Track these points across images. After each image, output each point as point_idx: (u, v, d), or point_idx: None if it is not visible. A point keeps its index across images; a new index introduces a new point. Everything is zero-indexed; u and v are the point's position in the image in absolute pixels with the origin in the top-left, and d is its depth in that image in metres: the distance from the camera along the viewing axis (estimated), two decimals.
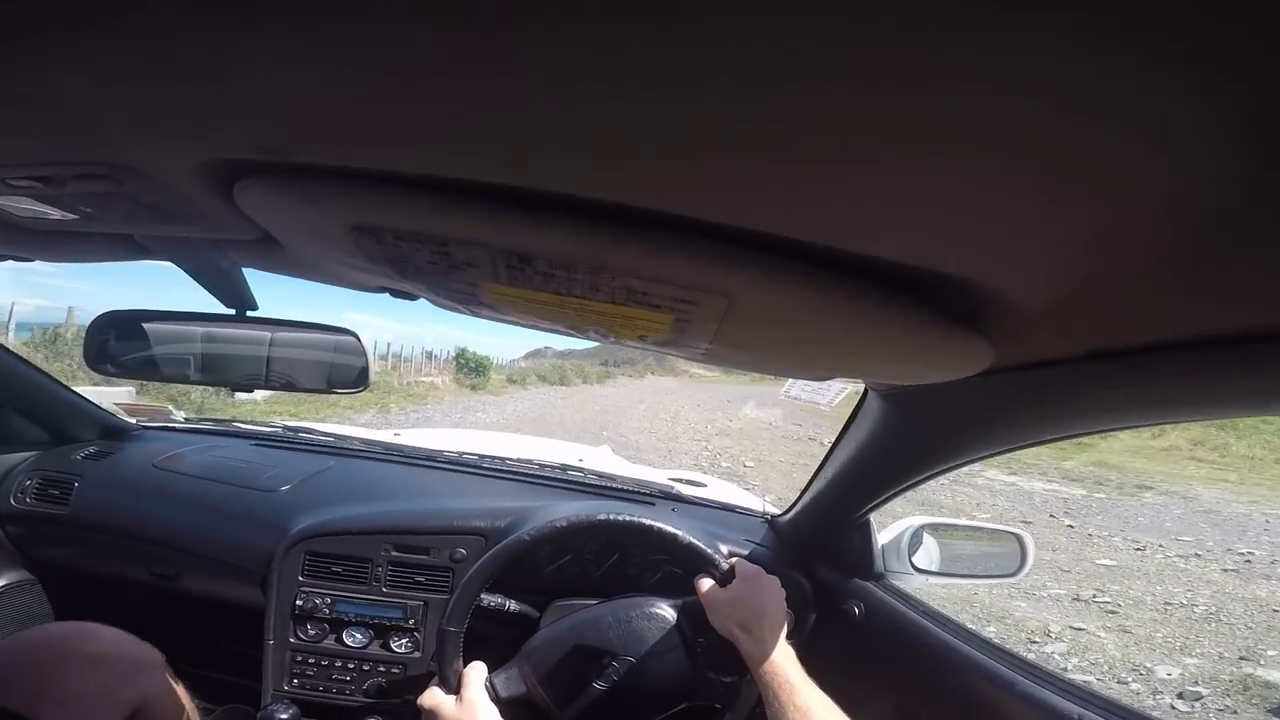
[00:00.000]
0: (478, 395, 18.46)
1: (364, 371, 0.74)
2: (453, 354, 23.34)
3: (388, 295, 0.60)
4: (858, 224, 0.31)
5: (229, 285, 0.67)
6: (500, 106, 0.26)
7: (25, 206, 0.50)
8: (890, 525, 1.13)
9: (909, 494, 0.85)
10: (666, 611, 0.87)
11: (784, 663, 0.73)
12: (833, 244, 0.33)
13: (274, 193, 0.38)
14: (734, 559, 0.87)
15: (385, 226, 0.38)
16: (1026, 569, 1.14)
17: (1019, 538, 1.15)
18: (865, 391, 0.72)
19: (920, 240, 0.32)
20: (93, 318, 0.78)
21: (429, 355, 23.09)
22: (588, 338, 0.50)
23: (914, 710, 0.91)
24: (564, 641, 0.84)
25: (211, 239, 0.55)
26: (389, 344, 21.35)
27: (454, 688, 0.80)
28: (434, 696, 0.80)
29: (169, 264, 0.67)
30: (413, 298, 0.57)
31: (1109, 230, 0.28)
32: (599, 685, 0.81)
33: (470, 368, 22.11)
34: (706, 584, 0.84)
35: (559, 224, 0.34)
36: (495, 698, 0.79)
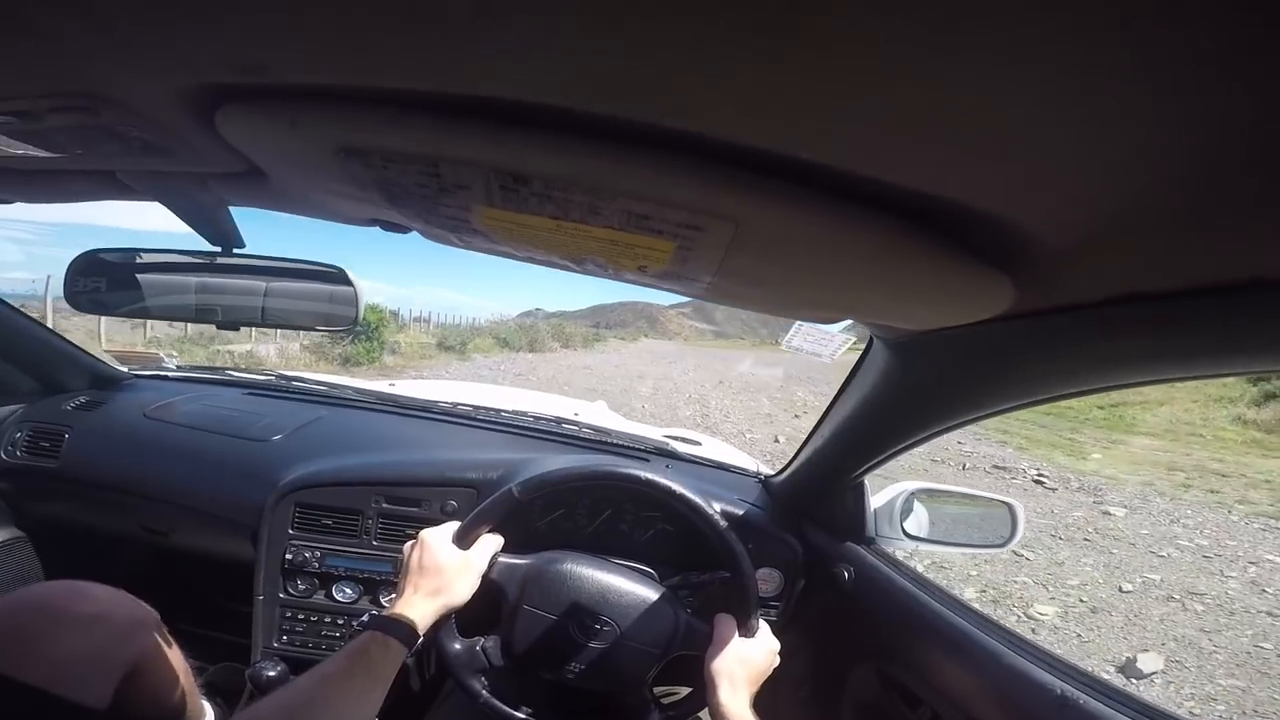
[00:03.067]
0: (356, 372, 10.54)
1: (356, 309, 0.73)
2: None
3: (379, 228, 0.58)
4: (877, 147, 0.29)
5: (215, 223, 0.66)
6: (492, 9, 0.24)
7: (1, 145, 0.47)
8: (883, 489, 1.13)
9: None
10: (665, 606, 0.87)
11: (746, 713, 0.76)
12: (847, 168, 0.31)
13: (258, 117, 0.36)
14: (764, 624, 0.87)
15: (374, 148, 0.36)
16: (1016, 539, 1.15)
17: (1010, 507, 1.16)
18: (870, 342, 0.70)
19: (944, 167, 0.30)
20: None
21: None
22: (586, 270, 0.48)
23: (897, 678, 0.91)
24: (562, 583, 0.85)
25: (195, 173, 0.53)
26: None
27: (466, 545, 0.81)
28: (438, 536, 0.80)
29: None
30: (404, 230, 0.55)
31: (1149, 160, 0.26)
32: (595, 645, 0.83)
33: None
34: (730, 626, 0.84)
35: (556, 139, 0.32)
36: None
